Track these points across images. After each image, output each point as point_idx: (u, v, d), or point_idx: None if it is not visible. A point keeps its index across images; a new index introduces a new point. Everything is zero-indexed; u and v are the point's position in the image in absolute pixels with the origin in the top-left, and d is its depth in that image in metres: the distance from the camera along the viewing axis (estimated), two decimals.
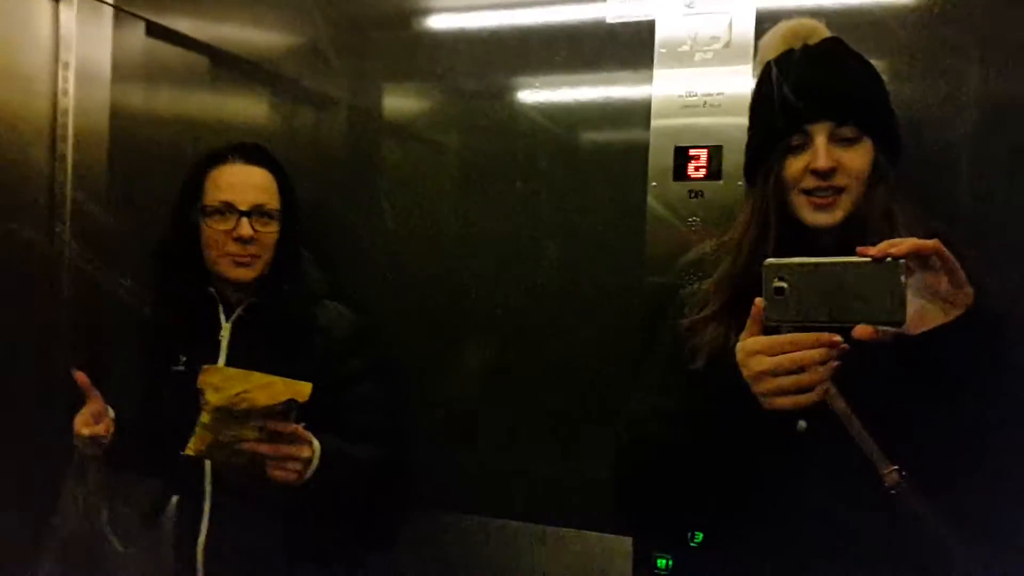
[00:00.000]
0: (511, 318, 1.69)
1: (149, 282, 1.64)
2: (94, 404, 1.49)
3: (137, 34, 1.98)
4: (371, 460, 1.47)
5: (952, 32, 1.38)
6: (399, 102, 1.83)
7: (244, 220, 1.46)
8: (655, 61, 1.53)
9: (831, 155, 1.02)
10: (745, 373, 0.92)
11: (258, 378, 1.23)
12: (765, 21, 1.47)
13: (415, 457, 1.68)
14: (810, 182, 1.03)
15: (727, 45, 1.49)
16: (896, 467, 0.98)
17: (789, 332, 0.91)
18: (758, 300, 0.92)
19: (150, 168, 1.95)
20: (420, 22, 1.76)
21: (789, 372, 0.89)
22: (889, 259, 0.85)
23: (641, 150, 1.55)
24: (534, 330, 1.67)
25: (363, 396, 1.52)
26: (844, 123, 1.03)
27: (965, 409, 0.92)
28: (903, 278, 0.85)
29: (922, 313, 0.89)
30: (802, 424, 1.04)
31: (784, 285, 0.89)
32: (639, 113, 1.55)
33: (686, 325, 1.14)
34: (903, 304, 0.85)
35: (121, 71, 2.00)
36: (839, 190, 1.03)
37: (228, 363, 1.48)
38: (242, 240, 1.46)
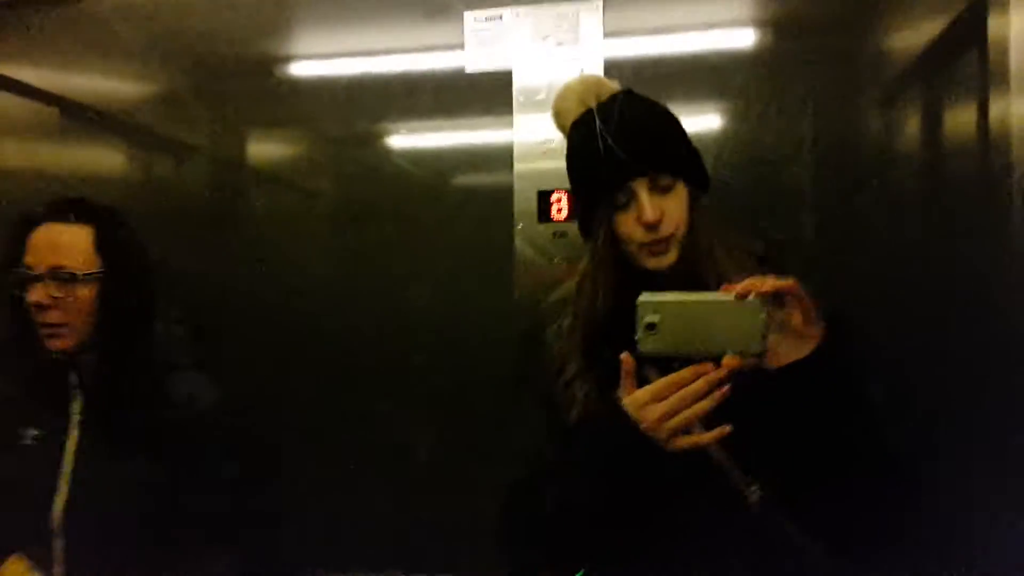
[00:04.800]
0: (386, 362, 1.68)
1: None
2: None
3: None
4: None
5: (783, 80, 1.52)
6: (262, 149, 1.81)
7: (38, 285, 1.32)
8: (514, 108, 1.60)
9: (655, 206, 1.06)
10: (644, 426, 0.95)
11: None
12: (612, 69, 1.56)
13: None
14: (643, 236, 1.07)
15: None
16: (756, 488, 1.03)
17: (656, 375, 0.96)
18: (625, 357, 0.96)
19: None
20: (281, 69, 1.75)
21: (680, 410, 0.94)
22: (751, 296, 0.92)
23: (506, 193, 1.60)
24: (409, 373, 1.67)
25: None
26: (660, 173, 1.07)
27: (821, 434, 0.97)
28: (763, 314, 0.91)
29: (779, 348, 0.95)
30: None
31: (656, 320, 0.94)
32: (502, 158, 1.61)
33: (555, 387, 1.16)
34: (764, 337, 0.92)
35: None
36: (669, 237, 1.07)
37: (79, 439, 1.37)
38: (39, 307, 1.31)
